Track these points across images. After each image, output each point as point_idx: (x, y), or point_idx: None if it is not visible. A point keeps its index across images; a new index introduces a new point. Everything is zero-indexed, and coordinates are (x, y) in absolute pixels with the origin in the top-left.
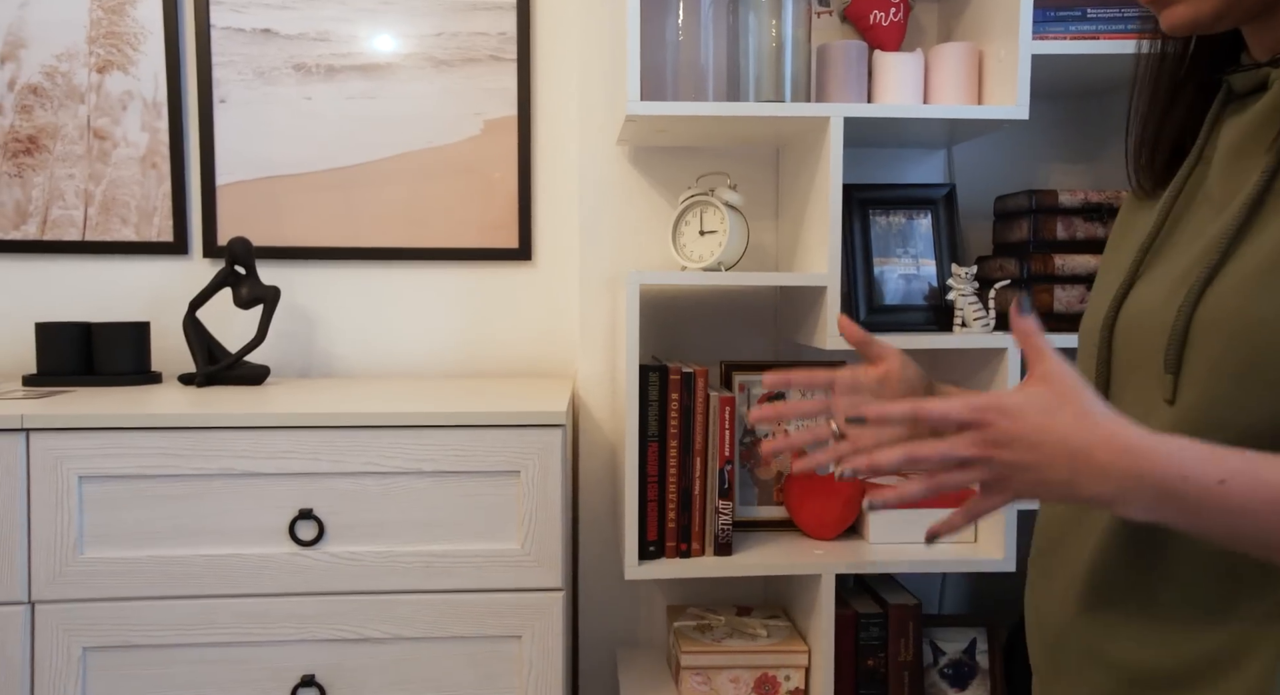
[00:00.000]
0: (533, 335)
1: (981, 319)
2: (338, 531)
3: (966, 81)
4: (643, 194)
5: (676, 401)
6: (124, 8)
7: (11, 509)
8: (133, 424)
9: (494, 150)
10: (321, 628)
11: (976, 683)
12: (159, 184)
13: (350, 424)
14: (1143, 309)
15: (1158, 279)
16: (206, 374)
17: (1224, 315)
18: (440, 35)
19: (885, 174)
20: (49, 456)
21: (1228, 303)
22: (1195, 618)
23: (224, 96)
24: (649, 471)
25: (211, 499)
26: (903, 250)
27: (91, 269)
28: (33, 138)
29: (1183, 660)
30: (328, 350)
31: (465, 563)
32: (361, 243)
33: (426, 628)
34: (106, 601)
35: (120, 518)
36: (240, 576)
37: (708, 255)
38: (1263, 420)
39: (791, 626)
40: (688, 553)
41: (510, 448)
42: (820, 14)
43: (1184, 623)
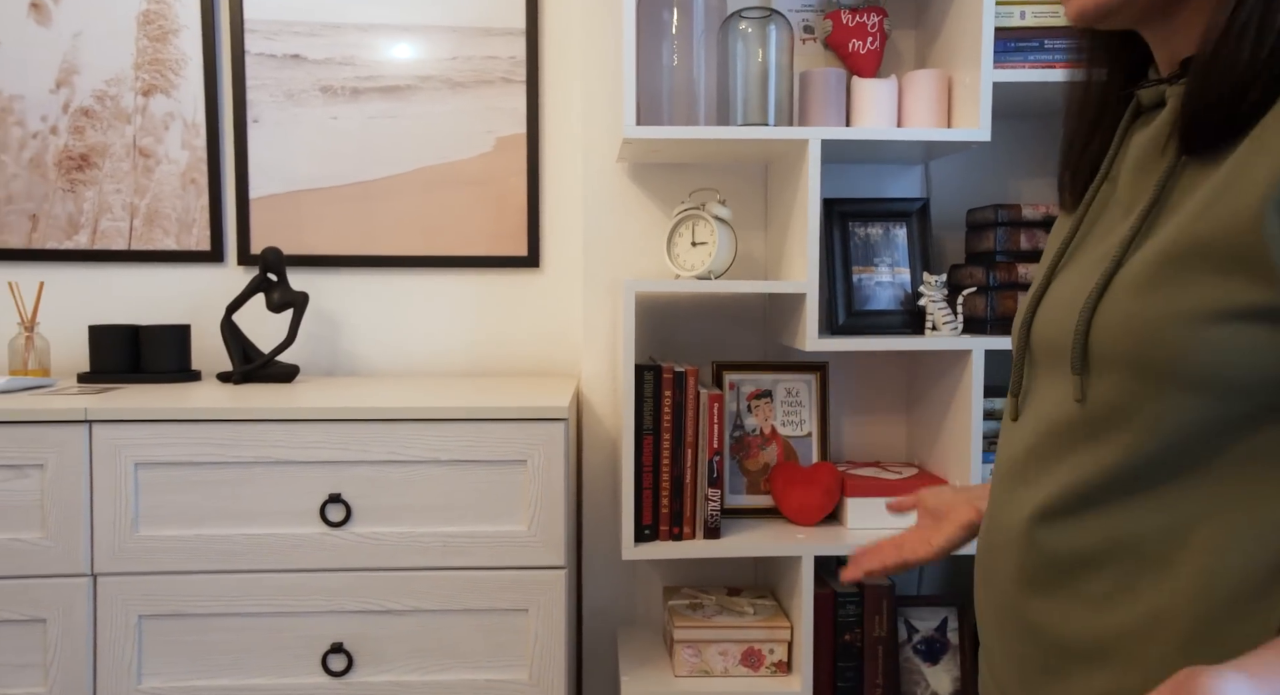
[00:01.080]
0: (540, 337)
1: (950, 323)
2: (363, 514)
3: (937, 105)
4: (641, 207)
5: (669, 398)
6: (167, 36)
7: (76, 492)
8: (183, 416)
9: (505, 165)
10: (349, 600)
11: (947, 658)
12: (197, 197)
13: (375, 418)
14: (1053, 311)
15: (1067, 283)
16: (242, 372)
17: (1116, 319)
18: (455, 59)
19: (867, 187)
20: (109, 445)
21: (1120, 306)
22: (1113, 598)
23: (257, 117)
24: (644, 462)
25: (251, 484)
26: (879, 259)
27: (136, 276)
28: (84, 156)
29: (1103, 635)
30: (351, 350)
31: (478, 543)
32: (382, 251)
33: (443, 601)
34: (159, 575)
35: (171, 500)
36: (277, 554)
37: (699, 264)
38: (1165, 413)
39: (776, 605)
40: (680, 536)
41: (518, 439)
42: (805, 41)
43: (1104, 602)
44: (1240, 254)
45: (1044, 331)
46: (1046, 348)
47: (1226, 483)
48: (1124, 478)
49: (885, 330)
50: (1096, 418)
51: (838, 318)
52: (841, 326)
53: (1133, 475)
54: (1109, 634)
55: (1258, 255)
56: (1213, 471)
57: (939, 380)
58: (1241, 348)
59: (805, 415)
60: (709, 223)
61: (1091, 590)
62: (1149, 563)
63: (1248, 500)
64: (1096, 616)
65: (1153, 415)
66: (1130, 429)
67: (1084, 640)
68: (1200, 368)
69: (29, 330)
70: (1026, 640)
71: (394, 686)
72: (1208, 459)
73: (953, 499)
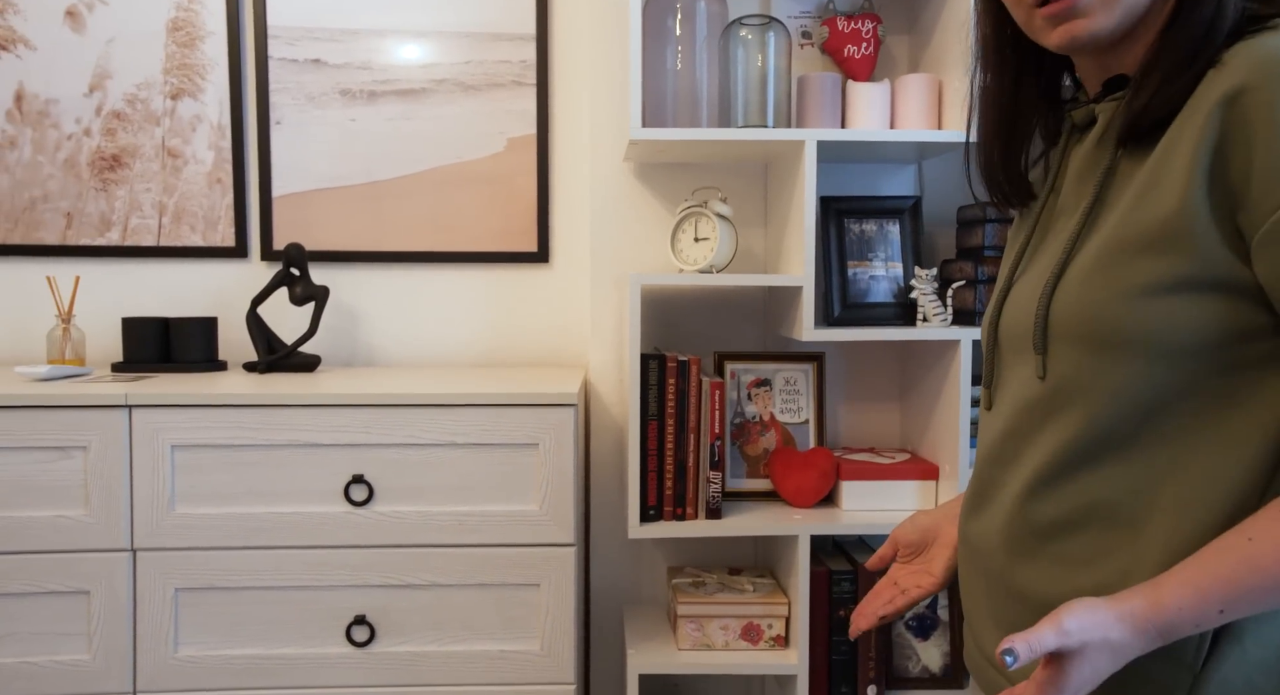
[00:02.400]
0: (549, 329)
1: (940, 315)
2: (385, 494)
3: (928, 108)
4: (646, 204)
5: (673, 386)
6: (195, 43)
7: (117, 472)
8: (216, 402)
9: (515, 165)
10: (371, 575)
11: (938, 634)
12: (223, 196)
13: (395, 403)
14: (1017, 305)
15: (1027, 282)
16: (267, 362)
17: (1069, 302)
18: (469, 63)
19: (863, 185)
20: (148, 428)
21: (1071, 292)
22: (1090, 560)
23: (279, 119)
24: (649, 446)
25: (280, 466)
26: (874, 254)
27: (165, 270)
28: (116, 156)
29: (1080, 592)
30: (369, 342)
31: (492, 521)
32: (399, 247)
33: (459, 576)
34: (195, 550)
35: (206, 480)
36: (304, 531)
37: (701, 259)
38: (1116, 383)
39: (775, 584)
40: (683, 516)
41: (530, 424)
42: (804, 46)
43: (1082, 564)
44: (1169, 234)
45: (1009, 325)
46: (1011, 338)
47: (1181, 443)
48: (1091, 446)
49: (879, 322)
50: (1059, 391)
51: (834, 310)
52: (837, 318)
53: (1099, 443)
54: (1086, 591)
55: (1184, 233)
56: (1168, 434)
57: (930, 369)
58: (1175, 316)
59: (803, 403)
60: (711, 219)
61: (1071, 553)
62: (1121, 525)
63: (1202, 458)
64: (1075, 576)
65: (1106, 385)
66: (1088, 399)
67: (1065, 599)
68: (1142, 336)
69: (66, 322)
70: (1013, 606)
71: (413, 656)
72: (1161, 422)
73: (929, 524)
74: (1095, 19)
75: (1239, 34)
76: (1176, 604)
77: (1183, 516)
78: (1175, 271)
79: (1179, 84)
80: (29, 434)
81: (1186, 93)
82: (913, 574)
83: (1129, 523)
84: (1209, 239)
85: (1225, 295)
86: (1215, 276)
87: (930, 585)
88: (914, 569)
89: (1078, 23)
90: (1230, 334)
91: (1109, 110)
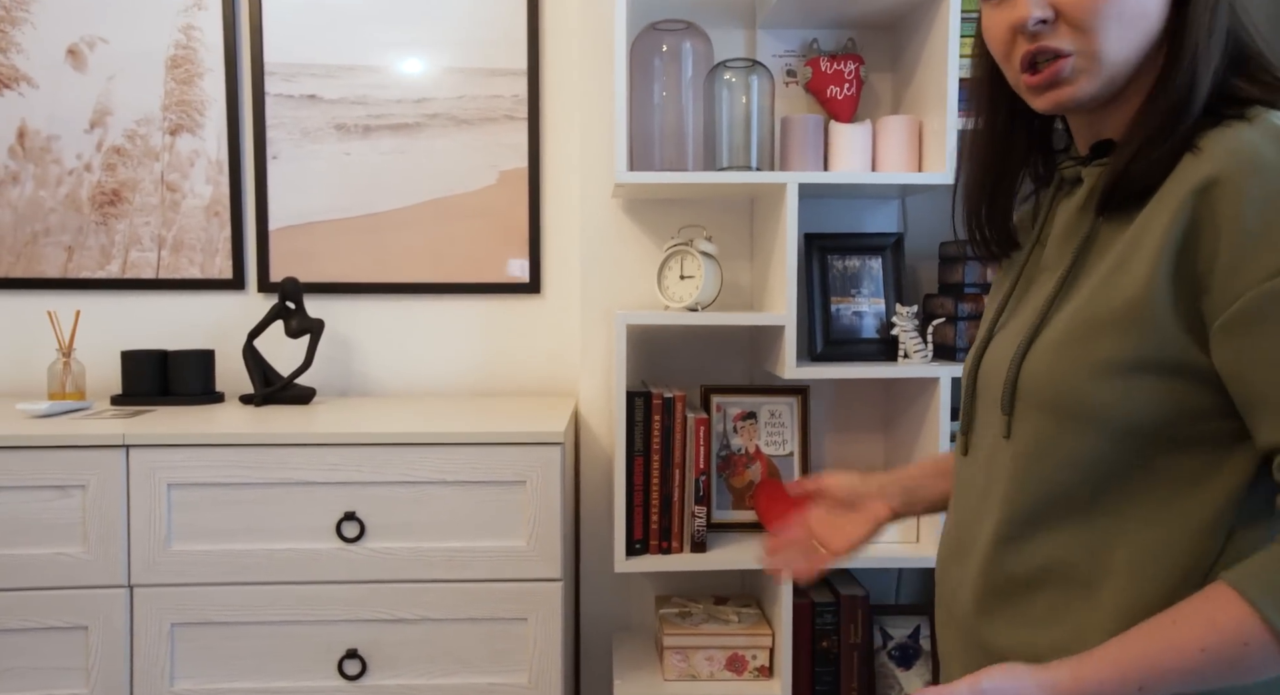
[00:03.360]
0: (541, 358)
1: (921, 351)
2: (376, 531)
3: (908, 149)
4: (635, 238)
5: (659, 423)
6: (193, 79)
7: (115, 510)
8: (212, 441)
9: (508, 198)
10: (363, 610)
11: (920, 663)
12: (220, 229)
13: (387, 442)
14: (994, 360)
15: (1006, 335)
16: (263, 395)
17: (1039, 370)
18: (462, 98)
19: (848, 219)
20: (145, 467)
21: (1041, 360)
22: (1048, 618)
23: (276, 153)
24: (635, 481)
25: (274, 503)
26: (856, 290)
27: (163, 302)
28: (116, 191)
29: (1040, 650)
30: (364, 372)
31: (481, 557)
32: (392, 278)
33: (448, 611)
34: (191, 586)
35: (202, 518)
36: (297, 567)
37: (686, 297)
38: (1075, 452)
39: (760, 613)
40: (668, 550)
41: (518, 462)
42: (788, 83)
43: (1041, 621)
44: (1132, 316)
45: (986, 376)
46: (986, 390)
47: (1134, 513)
48: (1049, 508)
49: (861, 357)
50: (1020, 453)
51: (816, 345)
52: (820, 354)
53: (1057, 506)
54: (1043, 649)
55: (1146, 316)
56: (1122, 503)
57: (912, 403)
58: (1133, 396)
59: (788, 435)
60: (696, 258)
61: (1031, 611)
62: (1078, 585)
63: (1153, 528)
64: (1033, 634)
65: (1065, 454)
66: (1047, 464)
67: (1025, 656)
68: (1101, 411)
69: (66, 356)
70: (979, 657)
71: (404, 690)
72: (1116, 492)
73: (862, 490)
74: (1079, 86)
75: (1218, 116)
76: (1097, 679)
77: (1135, 582)
78: (1136, 352)
79: (1155, 158)
80: (29, 473)
81: (1164, 170)
82: (831, 532)
83: (1085, 584)
84: (1169, 323)
85: (1181, 378)
86: (1173, 359)
87: (838, 550)
88: (833, 526)
89: (1063, 90)
90: (1183, 414)
91: (1095, 175)
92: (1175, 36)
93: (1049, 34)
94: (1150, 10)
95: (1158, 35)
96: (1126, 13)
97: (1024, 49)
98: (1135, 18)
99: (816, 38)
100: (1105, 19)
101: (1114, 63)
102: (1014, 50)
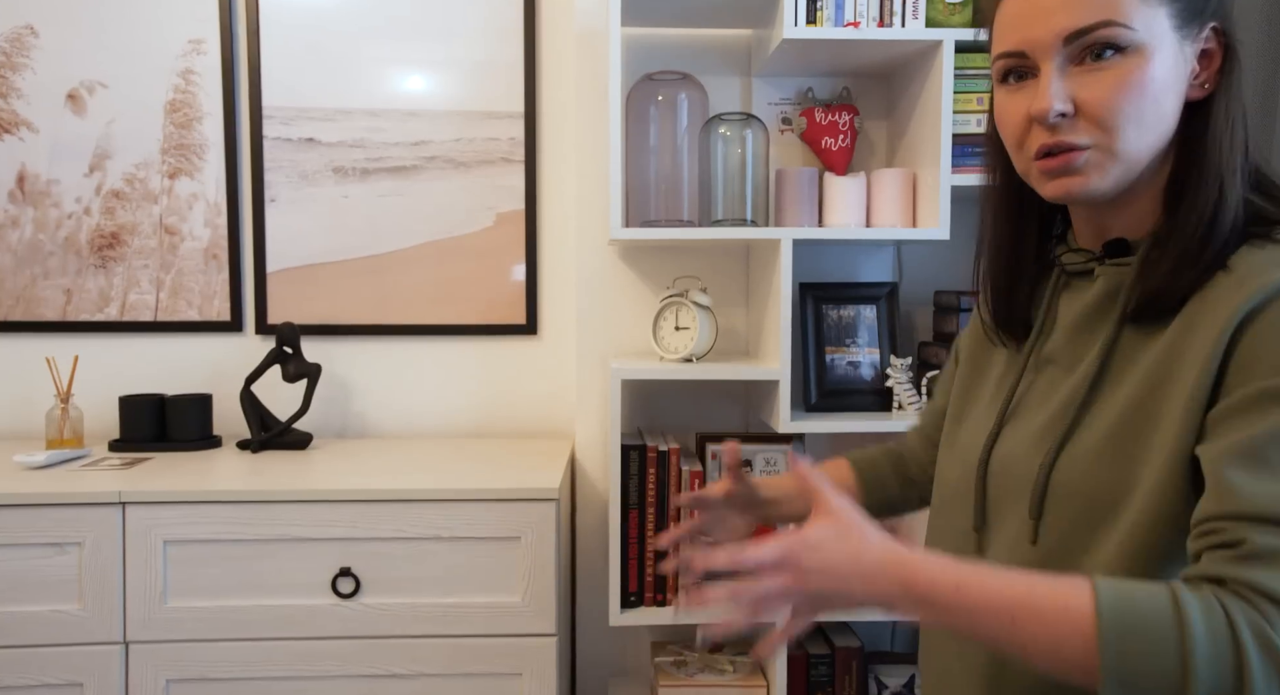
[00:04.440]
0: (538, 399)
1: (915, 403)
2: (371, 586)
3: (902, 202)
4: (630, 284)
5: (653, 476)
6: (192, 123)
7: (111, 566)
8: (208, 498)
9: (504, 240)
10: (358, 665)
11: None
12: (219, 272)
13: (383, 498)
14: (1010, 456)
15: (1020, 430)
16: (260, 441)
17: (1075, 476)
18: (459, 141)
19: (843, 266)
20: (141, 524)
21: (1078, 466)
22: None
23: (274, 196)
24: (630, 534)
25: (270, 559)
26: (851, 339)
27: (161, 344)
28: (114, 234)
29: None
30: (361, 413)
31: (476, 612)
32: (390, 320)
33: (444, 666)
34: (187, 642)
35: (198, 574)
36: (293, 623)
37: (682, 348)
38: (1108, 563)
39: (754, 663)
40: (663, 603)
41: (512, 518)
42: (784, 131)
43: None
44: (1181, 423)
45: (1000, 474)
46: (1002, 490)
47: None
48: None
49: (856, 407)
50: (1049, 558)
51: (811, 396)
52: (814, 405)
53: None
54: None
55: (1194, 422)
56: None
57: None
58: (1171, 508)
59: None
60: (691, 309)
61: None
62: None
63: None
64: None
65: (1096, 563)
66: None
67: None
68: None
69: (64, 402)
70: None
71: None
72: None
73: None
74: (1090, 179)
75: (1242, 232)
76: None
77: None
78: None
79: (1188, 277)
80: (26, 531)
81: (1196, 287)
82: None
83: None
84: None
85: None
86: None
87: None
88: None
89: (1075, 179)
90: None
91: (1110, 275)
92: (1188, 143)
93: (1067, 128)
94: (1167, 113)
95: (1171, 138)
96: (1147, 114)
97: (1041, 140)
98: (1154, 120)
99: (811, 86)
100: (1125, 118)
101: (1129, 161)
102: (1029, 139)
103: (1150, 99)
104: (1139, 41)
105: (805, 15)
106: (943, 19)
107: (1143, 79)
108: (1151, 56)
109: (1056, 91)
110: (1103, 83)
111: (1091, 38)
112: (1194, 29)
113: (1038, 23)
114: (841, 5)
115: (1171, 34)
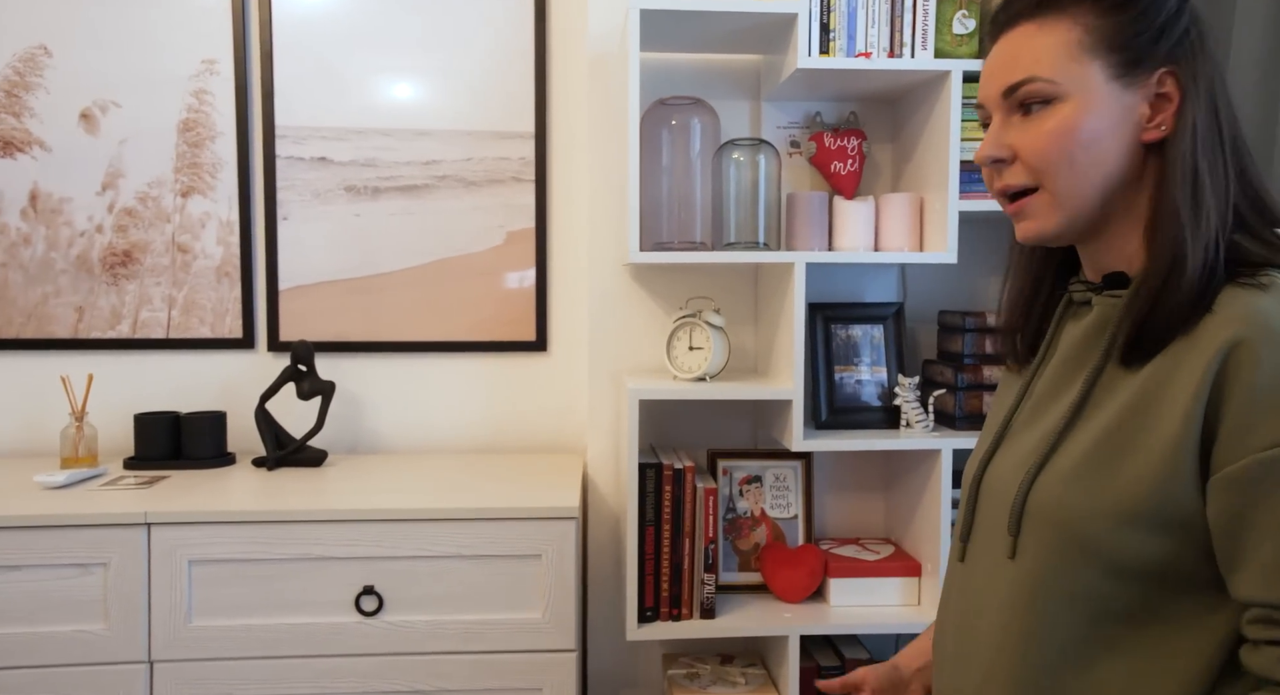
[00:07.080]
0: (549, 415)
1: (922, 421)
2: (394, 604)
3: (910, 226)
4: (642, 303)
5: (669, 493)
6: (205, 142)
7: (136, 586)
8: (232, 519)
9: (515, 257)
10: (381, 682)
11: None
12: (231, 289)
13: (405, 518)
14: (999, 476)
15: (1011, 452)
16: (276, 458)
17: (1047, 500)
18: (470, 160)
19: (850, 286)
20: (166, 545)
21: (1051, 490)
22: None
23: (286, 215)
24: (646, 550)
25: (293, 578)
26: (859, 358)
27: (174, 362)
28: (127, 252)
29: None
30: (374, 429)
31: (497, 629)
32: (402, 337)
33: (464, 682)
34: (211, 661)
35: (222, 593)
36: (316, 641)
37: (696, 368)
38: (1078, 585)
39: (766, 675)
40: (679, 617)
41: (533, 536)
42: (792, 154)
43: None
44: (1163, 473)
45: (990, 492)
46: (990, 504)
47: (1126, 651)
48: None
49: (864, 425)
50: (1024, 576)
51: (821, 414)
52: (824, 423)
53: (1054, 643)
54: None
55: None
56: (1114, 640)
57: (913, 469)
58: (1147, 543)
59: (792, 499)
60: (705, 330)
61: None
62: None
63: (1144, 665)
64: None
65: (1069, 584)
66: (1050, 594)
67: None
68: (1112, 553)
69: (79, 420)
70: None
71: None
72: (1108, 629)
73: (896, 677)
74: (1041, 221)
75: (1228, 274)
76: None
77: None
78: (1157, 507)
79: (1169, 319)
80: (52, 552)
81: (1181, 327)
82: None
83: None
84: (1190, 480)
85: (1192, 529)
86: (1187, 511)
87: None
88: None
89: (1027, 223)
90: (1188, 559)
91: (1104, 305)
92: (1160, 184)
93: (1008, 173)
94: (1106, 157)
95: (1125, 176)
96: (1078, 158)
97: (991, 184)
98: (1087, 164)
99: (819, 110)
100: (1053, 162)
101: (1071, 203)
102: (991, 183)
103: (1079, 145)
104: (1064, 92)
105: (819, 46)
106: (950, 50)
107: (1069, 126)
108: (1081, 106)
109: (994, 139)
110: (1032, 131)
111: (1021, 92)
112: (1139, 76)
113: (988, 80)
114: (854, 36)
115: (1107, 85)
